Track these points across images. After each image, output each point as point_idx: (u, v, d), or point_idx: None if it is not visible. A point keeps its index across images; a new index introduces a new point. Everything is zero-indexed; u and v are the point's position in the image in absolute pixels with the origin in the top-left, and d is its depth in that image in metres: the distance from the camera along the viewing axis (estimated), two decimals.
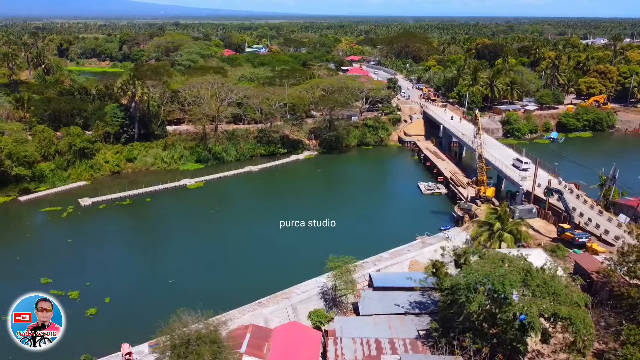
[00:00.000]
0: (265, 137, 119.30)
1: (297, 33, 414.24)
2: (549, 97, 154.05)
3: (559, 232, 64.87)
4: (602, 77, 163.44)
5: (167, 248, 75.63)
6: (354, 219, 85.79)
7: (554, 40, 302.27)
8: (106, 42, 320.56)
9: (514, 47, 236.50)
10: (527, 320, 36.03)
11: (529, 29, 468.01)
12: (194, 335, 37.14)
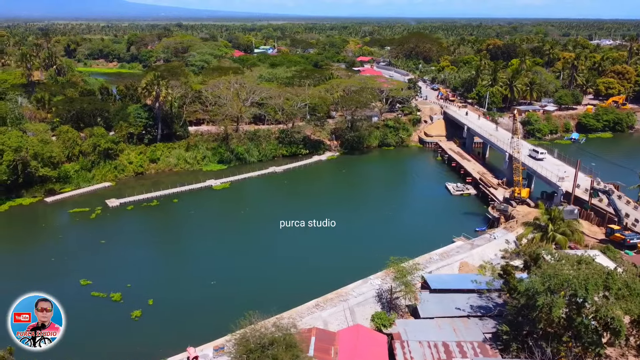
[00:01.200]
0: (287, 138, 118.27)
1: (302, 34, 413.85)
2: (568, 97, 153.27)
3: (608, 233, 63.91)
4: (620, 78, 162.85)
5: (201, 249, 74.45)
6: (387, 220, 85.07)
7: (564, 41, 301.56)
8: (113, 43, 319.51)
9: (524, 48, 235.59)
10: (615, 325, 34.97)
11: (533, 30, 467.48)
12: (268, 338, 35.98)
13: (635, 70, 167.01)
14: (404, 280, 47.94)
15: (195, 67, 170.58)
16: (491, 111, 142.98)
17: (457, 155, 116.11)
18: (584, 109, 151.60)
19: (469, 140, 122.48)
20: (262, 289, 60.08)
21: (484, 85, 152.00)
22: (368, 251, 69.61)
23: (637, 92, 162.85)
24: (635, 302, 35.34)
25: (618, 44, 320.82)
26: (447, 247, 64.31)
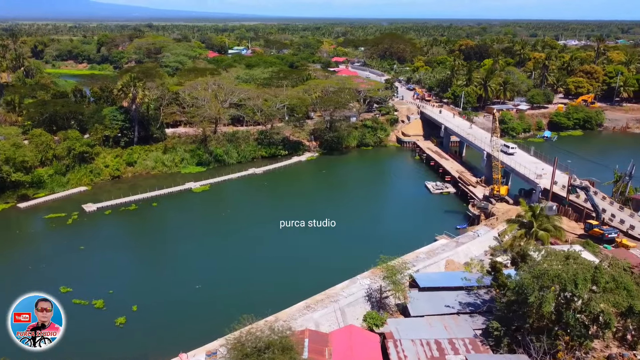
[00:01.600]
0: (266, 139, 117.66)
1: (275, 35, 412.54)
2: (540, 96, 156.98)
3: (587, 228, 65.54)
4: (589, 77, 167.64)
5: (184, 253, 73.21)
6: (370, 220, 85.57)
7: (532, 41, 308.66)
8: (83, 44, 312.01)
9: (495, 48, 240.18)
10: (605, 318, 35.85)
11: (502, 31, 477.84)
12: (264, 342, 35.61)
13: (602, 69, 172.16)
14: (394, 279, 48.12)
15: (170, 68, 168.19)
16: (467, 110, 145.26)
17: (435, 155, 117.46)
18: (555, 108, 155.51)
19: (446, 140, 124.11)
20: (249, 291, 59.57)
21: (459, 85, 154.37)
22: (353, 251, 69.90)
23: (604, 91, 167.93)
24: (622, 295, 36.30)
25: (584, 44, 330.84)
26: (433, 245, 64.97)
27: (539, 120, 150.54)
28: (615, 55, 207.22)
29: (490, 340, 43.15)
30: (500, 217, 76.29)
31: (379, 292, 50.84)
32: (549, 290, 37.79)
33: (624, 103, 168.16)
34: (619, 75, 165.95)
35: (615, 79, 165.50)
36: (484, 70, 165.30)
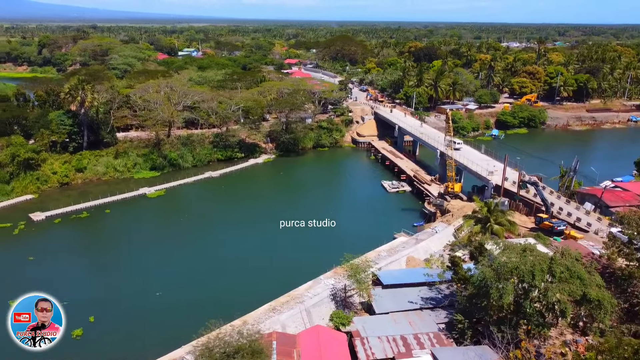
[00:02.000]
0: (222, 142, 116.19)
1: (226, 36, 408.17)
2: (487, 96, 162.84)
3: (538, 221, 68.52)
4: (532, 78, 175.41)
5: (141, 260, 71.32)
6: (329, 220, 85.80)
7: (477, 43, 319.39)
8: (22, 45, 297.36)
9: (443, 50, 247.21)
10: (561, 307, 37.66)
11: (448, 33, 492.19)
12: (233, 346, 35.24)
13: (544, 70, 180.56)
14: (358, 278, 48.68)
15: (118, 71, 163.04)
16: (418, 111, 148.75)
17: (390, 154, 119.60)
18: (501, 107, 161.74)
19: (400, 139, 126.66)
20: (213, 296, 58.78)
21: (411, 86, 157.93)
22: (315, 251, 70.32)
23: (546, 91, 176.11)
24: (576, 284, 38.22)
25: (525, 46, 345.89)
26: (393, 243, 66.19)
27: (487, 119, 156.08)
28: (555, 57, 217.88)
29: (454, 333, 44.43)
30: (456, 213, 78.68)
31: (344, 291, 51.32)
32: (508, 282, 39.29)
33: (564, 102, 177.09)
34: (559, 75, 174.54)
35: (556, 79, 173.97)
36: (433, 71, 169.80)
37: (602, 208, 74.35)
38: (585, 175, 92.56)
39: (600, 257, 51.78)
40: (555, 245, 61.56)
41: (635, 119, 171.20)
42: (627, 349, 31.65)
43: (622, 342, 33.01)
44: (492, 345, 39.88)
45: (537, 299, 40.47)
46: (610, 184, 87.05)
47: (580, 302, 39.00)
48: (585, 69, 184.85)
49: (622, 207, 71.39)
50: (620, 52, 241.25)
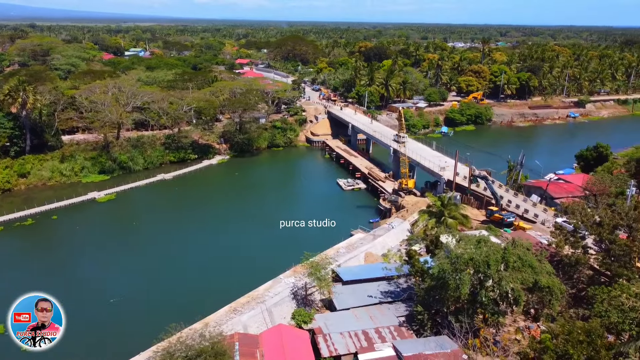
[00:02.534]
0: (174, 143, 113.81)
1: (174, 36, 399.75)
2: (436, 95, 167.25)
3: (489, 214, 70.99)
4: (477, 76, 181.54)
5: (92, 266, 68.81)
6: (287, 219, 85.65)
7: (424, 43, 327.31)
8: None
9: (393, 50, 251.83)
10: (515, 295, 39.28)
11: (396, 34, 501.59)
12: (195, 350, 34.64)
13: (488, 69, 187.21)
14: (318, 275, 48.92)
15: (61, 72, 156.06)
16: (370, 109, 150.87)
17: (344, 152, 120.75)
18: (450, 105, 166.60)
19: (353, 138, 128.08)
20: (170, 300, 57.45)
21: (362, 85, 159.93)
22: (274, 251, 70.13)
23: (491, 89, 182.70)
24: (528, 272, 39.97)
25: (470, 46, 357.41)
26: (351, 240, 66.89)
27: (437, 117, 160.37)
28: (498, 56, 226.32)
29: (414, 325, 45.46)
30: (410, 208, 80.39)
31: (304, 289, 51.44)
32: (464, 273, 40.58)
33: (508, 99, 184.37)
34: (502, 74, 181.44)
35: (500, 78, 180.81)
36: (384, 70, 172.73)
37: (548, 199, 77.99)
38: (530, 168, 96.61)
39: (548, 246, 54.29)
40: (506, 236, 63.95)
41: (573, 114, 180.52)
42: (581, 333, 33.41)
43: (575, 326, 34.79)
44: (452, 335, 41.12)
45: (492, 288, 42.04)
46: (554, 177, 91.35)
47: (532, 290, 40.81)
48: (527, 68, 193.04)
49: (565, 198, 75.13)
50: (558, 51, 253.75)
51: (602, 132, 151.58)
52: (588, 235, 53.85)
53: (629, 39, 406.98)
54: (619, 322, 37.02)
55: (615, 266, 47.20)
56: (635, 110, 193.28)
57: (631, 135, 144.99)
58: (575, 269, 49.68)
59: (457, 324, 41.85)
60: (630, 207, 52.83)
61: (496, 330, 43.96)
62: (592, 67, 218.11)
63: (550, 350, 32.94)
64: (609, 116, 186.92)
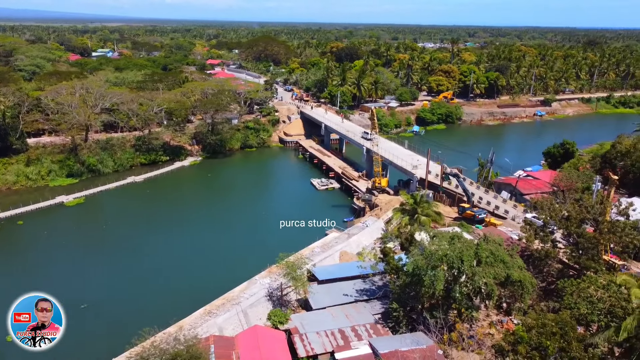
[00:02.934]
0: (145, 145, 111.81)
1: (143, 36, 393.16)
2: (407, 94, 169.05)
3: (460, 211, 72.10)
4: (447, 76, 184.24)
5: (61, 271, 66.98)
6: (261, 220, 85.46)
7: (395, 44, 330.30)
8: None
9: (364, 50, 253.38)
10: (488, 290, 39.95)
11: (367, 34, 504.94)
12: (170, 354, 34.09)
13: (458, 69, 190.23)
14: (294, 275, 48.78)
15: (26, 73, 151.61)
16: (343, 109, 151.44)
17: (317, 152, 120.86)
18: (421, 105, 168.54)
19: (327, 138, 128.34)
20: (143, 304, 56.49)
21: (335, 85, 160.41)
22: (249, 252, 69.70)
23: (461, 88, 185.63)
24: (500, 267, 40.71)
25: (439, 46, 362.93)
26: (326, 239, 66.95)
27: (408, 116, 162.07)
28: (467, 56, 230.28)
29: (389, 322, 45.76)
30: (384, 207, 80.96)
31: (280, 289, 51.20)
32: (439, 269, 41.07)
33: (477, 99, 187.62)
34: (472, 74, 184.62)
35: (469, 77, 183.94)
36: (355, 70, 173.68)
37: (517, 196, 79.70)
38: (500, 166, 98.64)
39: (518, 241, 55.45)
40: (478, 232, 65.14)
41: (540, 113, 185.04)
42: (553, 325, 34.23)
43: (547, 319, 35.62)
44: (427, 330, 41.54)
45: (465, 283, 42.67)
46: (523, 174, 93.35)
47: (504, 284, 41.58)
48: (495, 68, 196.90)
49: (534, 194, 76.87)
50: (524, 52, 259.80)
51: (567, 130, 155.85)
52: (557, 230, 55.28)
53: (591, 39, 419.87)
54: (588, 314, 38.11)
55: (584, 259, 48.54)
56: (598, 108, 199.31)
57: (595, 132, 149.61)
58: (544, 262, 50.90)
59: (432, 319, 42.33)
60: (596, 202, 54.46)
61: (470, 325, 44.63)
62: (557, 66, 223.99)
63: (525, 342, 33.62)
64: (574, 114, 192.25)
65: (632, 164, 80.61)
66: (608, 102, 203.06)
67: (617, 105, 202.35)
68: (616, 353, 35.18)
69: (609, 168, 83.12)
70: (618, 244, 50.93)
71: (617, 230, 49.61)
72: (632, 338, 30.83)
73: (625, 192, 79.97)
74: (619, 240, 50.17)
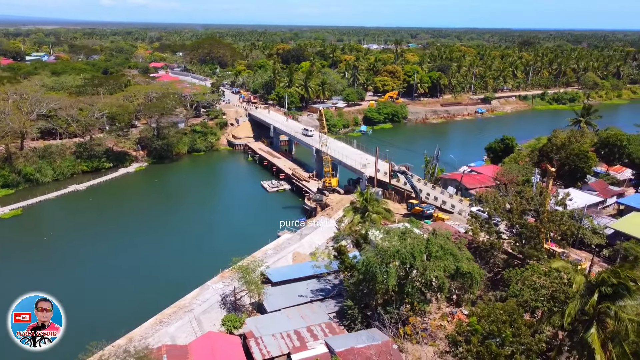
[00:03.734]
0: (86, 152, 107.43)
1: (81, 40, 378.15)
2: (354, 95, 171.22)
3: (409, 207, 73.62)
4: (392, 76, 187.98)
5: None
6: (212, 225, 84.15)
7: (341, 45, 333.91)
8: None
9: (310, 52, 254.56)
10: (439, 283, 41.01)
11: (313, 36, 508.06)
12: None
13: (402, 69, 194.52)
14: (248, 278, 48.25)
15: None
16: (291, 111, 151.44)
17: (267, 154, 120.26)
18: (367, 105, 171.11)
19: (276, 139, 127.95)
20: (88, 317, 53.77)
21: (282, 87, 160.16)
22: (200, 258, 68.46)
23: (405, 88, 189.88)
24: (450, 260, 41.88)
25: (383, 47, 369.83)
26: (278, 241, 66.60)
27: (355, 116, 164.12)
28: (411, 57, 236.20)
29: (344, 320, 46.10)
30: (335, 206, 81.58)
31: (233, 294, 50.50)
32: (391, 265, 41.78)
33: (421, 98, 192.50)
34: (415, 73, 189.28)
35: (413, 77, 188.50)
36: (302, 72, 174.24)
37: (463, 190, 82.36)
38: (446, 162, 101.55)
39: (465, 234, 57.29)
40: (427, 227, 66.74)
41: (481, 110, 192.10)
42: (501, 313, 35.60)
43: (495, 308, 37.01)
44: (382, 326, 42.12)
45: (417, 278, 43.64)
46: (467, 169, 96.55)
47: (454, 277, 42.79)
48: (437, 68, 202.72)
49: (479, 188, 79.74)
50: (464, 52, 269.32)
51: (507, 126, 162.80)
52: (500, 222, 57.52)
53: (525, 40, 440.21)
54: (532, 300, 39.94)
55: (526, 248, 50.77)
56: (534, 105, 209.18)
57: (532, 127, 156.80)
58: (490, 253, 52.85)
59: (386, 315, 42.99)
60: (536, 194, 57.09)
61: (423, 318, 45.65)
62: (495, 66, 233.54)
63: (478, 333, 34.74)
64: (512, 111, 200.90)
65: (566, 156, 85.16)
66: (543, 99, 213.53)
67: (551, 102, 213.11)
68: (560, 336, 36.97)
69: (547, 161, 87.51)
70: (557, 232, 53.63)
71: (556, 219, 52.25)
72: (575, 321, 32.52)
73: (562, 183, 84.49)
74: (558, 229, 52.88)
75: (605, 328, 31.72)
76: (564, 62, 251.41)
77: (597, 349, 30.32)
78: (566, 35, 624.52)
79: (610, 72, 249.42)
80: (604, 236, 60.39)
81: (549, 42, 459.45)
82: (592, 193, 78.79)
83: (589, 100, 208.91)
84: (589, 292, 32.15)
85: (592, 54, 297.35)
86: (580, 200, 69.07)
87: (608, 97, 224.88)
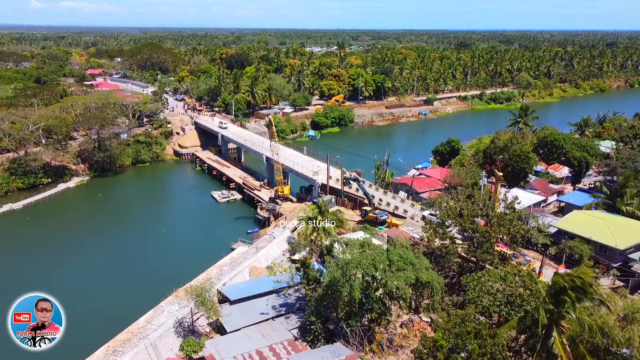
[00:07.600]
0: (21, 168, 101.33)
1: (8, 45, 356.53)
2: (300, 99, 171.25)
3: (363, 214, 74.03)
4: (337, 80, 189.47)
5: None
6: (161, 240, 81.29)
7: (284, 49, 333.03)
8: None
9: (254, 56, 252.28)
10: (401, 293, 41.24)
11: (255, 39, 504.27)
12: None
13: (347, 73, 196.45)
14: (202, 300, 46.70)
15: None
16: (238, 117, 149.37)
17: (215, 163, 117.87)
18: (314, 109, 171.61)
19: (224, 147, 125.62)
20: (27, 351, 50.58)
21: (228, 93, 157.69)
22: (150, 276, 66.14)
23: (351, 92, 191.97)
24: (409, 270, 42.24)
25: (327, 50, 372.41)
26: (233, 255, 65.10)
27: (303, 121, 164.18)
28: (354, 60, 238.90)
29: (307, 336, 45.48)
30: (289, 215, 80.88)
31: (190, 315, 48.81)
32: (354, 278, 41.63)
33: (367, 101, 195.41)
34: (360, 77, 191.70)
35: (358, 81, 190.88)
36: (247, 77, 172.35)
37: (414, 194, 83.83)
38: (396, 166, 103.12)
39: (420, 240, 58.16)
40: (381, 234, 67.44)
41: (424, 112, 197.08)
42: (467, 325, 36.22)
43: (457, 316, 37.64)
44: (345, 341, 41.91)
45: (378, 288, 43.74)
46: (416, 172, 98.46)
47: (415, 286, 43.20)
48: (381, 70, 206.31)
49: (429, 192, 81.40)
50: (405, 54, 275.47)
51: (449, 126, 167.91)
52: (453, 226, 58.75)
53: (461, 41, 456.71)
54: (490, 305, 40.97)
55: (479, 252, 52.12)
56: (474, 105, 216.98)
57: (473, 127, 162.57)
58: (446, 259, 53.86)
59: (348, 329, 42.84)
60: (485, 197, 58.81)
61: (386, 328, 45.81)
62: (435, 67, 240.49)
63: (444, 347, 35.07)
64: (454, 111, 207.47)
65: (509, 157, 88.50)
66: (481, 99, 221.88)
67: (489, 102, 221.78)
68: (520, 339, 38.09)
69: (490, 162, 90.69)
70: (507, 235, 55.44)
71: (506, 222, 53.97)
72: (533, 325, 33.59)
73: (505, 183, 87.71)
74: (508, 231, 54.65)
75: (562, 332, 32.97)
76: (499, 62, 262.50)
77: (563, 356, 31.44)
78: (498, 36, 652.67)
79: (541, 71, 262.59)
80: (549, 235, 63.04)
81: (484, 43, 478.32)
82: (535, 192, 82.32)
83: (523, 99, 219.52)
84: (551, 297, 33.31)
85: (525, 54, 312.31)
86: (524, 200, 71.73)
87: (541, 96, 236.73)
